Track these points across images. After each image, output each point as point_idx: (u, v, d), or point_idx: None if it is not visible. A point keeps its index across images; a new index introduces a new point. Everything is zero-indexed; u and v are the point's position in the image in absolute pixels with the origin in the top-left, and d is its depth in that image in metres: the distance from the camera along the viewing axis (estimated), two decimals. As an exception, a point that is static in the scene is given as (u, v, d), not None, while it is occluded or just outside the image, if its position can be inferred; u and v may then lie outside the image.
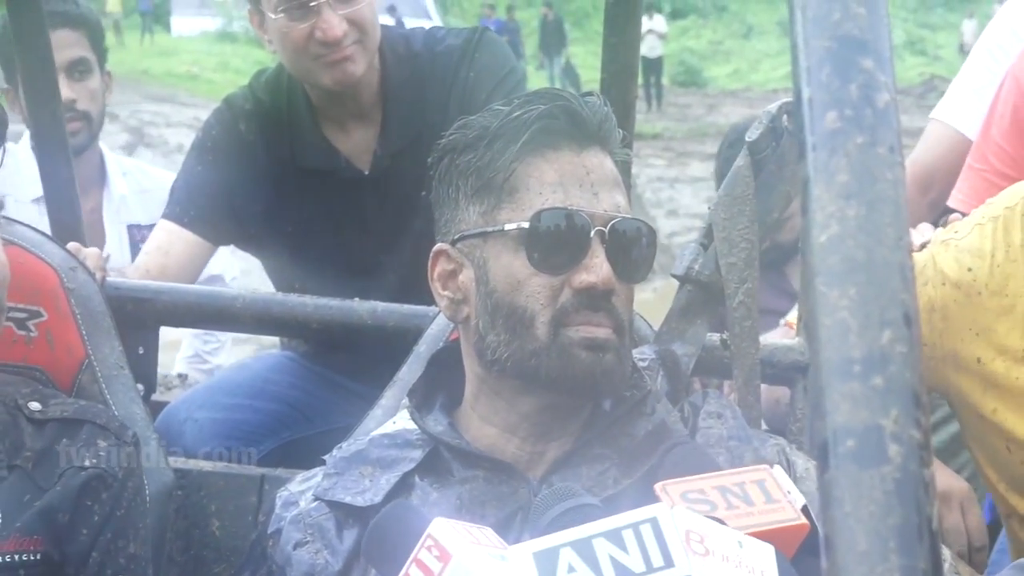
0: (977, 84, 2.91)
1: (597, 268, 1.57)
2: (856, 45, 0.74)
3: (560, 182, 1.60)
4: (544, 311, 1.58)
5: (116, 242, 3.19)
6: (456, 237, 1.65)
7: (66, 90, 2.79)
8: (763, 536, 1.39)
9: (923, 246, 2.05)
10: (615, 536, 1.26)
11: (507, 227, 1.60)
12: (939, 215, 2.68)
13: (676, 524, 1.28)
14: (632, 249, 1.62)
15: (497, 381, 1.64)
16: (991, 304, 1.94)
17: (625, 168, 1.70)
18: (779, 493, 1.44)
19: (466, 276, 1.64)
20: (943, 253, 1.99)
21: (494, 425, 1.64)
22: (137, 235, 3.20)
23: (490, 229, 1.61)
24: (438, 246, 1.68)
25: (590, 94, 1.70)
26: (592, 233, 1.58)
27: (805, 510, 1.44)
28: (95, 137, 3.19)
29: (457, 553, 1.29)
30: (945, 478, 2.24)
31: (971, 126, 2.83)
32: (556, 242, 1.59)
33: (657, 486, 1.46)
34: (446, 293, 1.67)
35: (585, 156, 1.62)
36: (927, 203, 2.81)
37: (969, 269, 1.95)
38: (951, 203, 2.67)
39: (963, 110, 2.91)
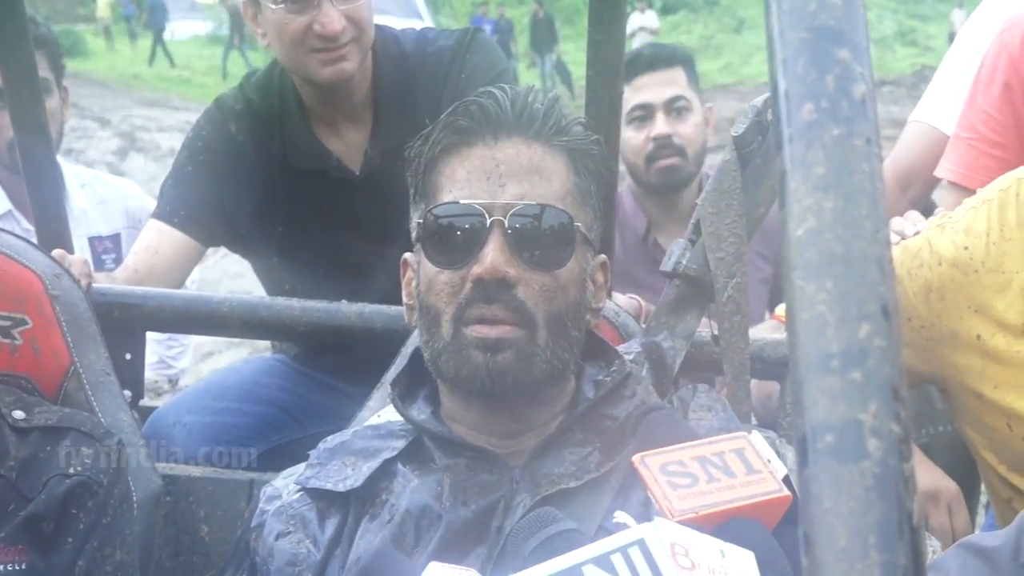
0: (954, 86, 2.95)
1: (484, 258, 1.56)
2: (832, 36, 0.73)
3: (468, 178, 1.61)
4: (448, 308, 1.58)
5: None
6: (414, 245, 1.69)
7: None
8: (746, 510, 1.39)
9: (917, 234, 2.07)
10: (604, 562, 1.24)
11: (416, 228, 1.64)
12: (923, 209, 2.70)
13: (662, 540, 1.27)
14: (538, 237, 1.59)
15: (442, 385, 1.66)
16: (988, 281, 1.96)
17: (581, 155, 1.66)
18: (759, 463, 1.43)
19: (416, 283, 1.67)
20: (939, 235, 2.02)
21: (462, 423, 1.65)
22: (99, 246, 3.20)
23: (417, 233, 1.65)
24: (405, 255, 1.72)
25: (531, 88, 1.70)
26: (489, 224, 1.57)
27: (787, 480, 1.43)
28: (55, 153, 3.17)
29: None
30: (935, 478, 2.24)
31: (950, 124, 2.86)
32: (451, 237, 1.60)
33: (635, 458, 1.45)
34: (406, 300, 1.71)
35: (499, 148, 1.62)
36: (907, 201, 2.84)
37: (965, 248, 1.98)
38: (939, 173, 2.70)
39: (942, 110, 2.96)
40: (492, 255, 1.55)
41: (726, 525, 1.38)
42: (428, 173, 1.64)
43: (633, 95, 3.15)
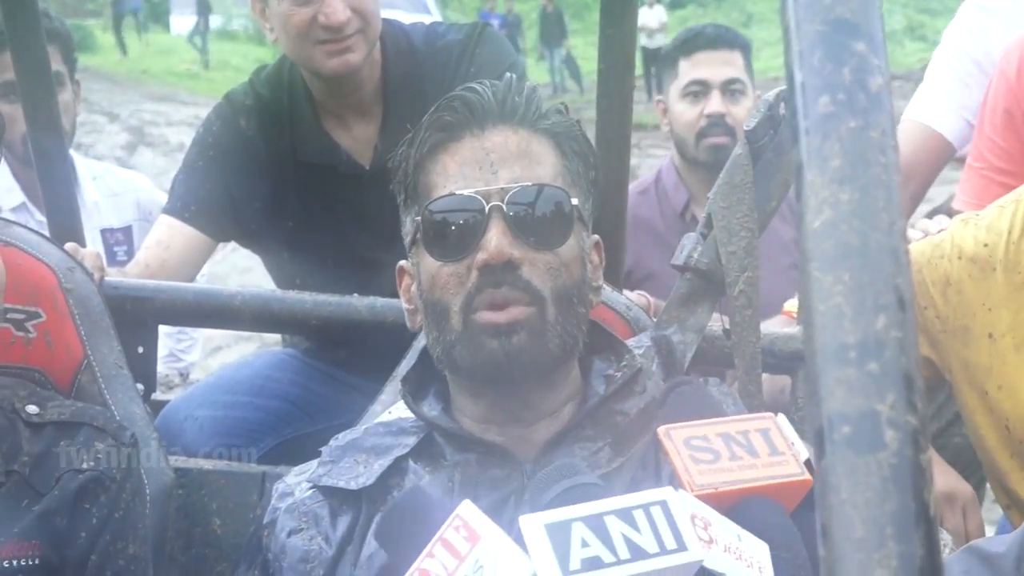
0: (941, 84, 3.08)
1: (488, 243, 1.57)
2: (848, 28, 0.73)
3: (460, 172, 1.62)
4: (455, 299, 1.59)
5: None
6: (408, 250, 1.70)
7: None
8: (767, 490, 1.39)
9: (941, 232, 2.10)
10: (626, 515, 1.26)
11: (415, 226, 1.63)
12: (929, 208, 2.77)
13: (684, 506, 1.27)
14: (538, 216, 1.60)
15: (452, 379, 1.67)
16: (1005, 280, 1.96)
17: (564, 138, 1.67)
18: (784, 445, 1.44)
19: (416, 285, 1.68)
20: (962, 229, 2.03)
21: (471, 417, 1.66)
22: (111, 239, 3.21)
23: (414, 234, 1.65)
24: (400, 262, 1.73)
25: (510, 78, 1.70)
26: (487, 209, 1.58)
27: (808, 464, 1.43)
28: (67, 147, 3.18)
29: (486, 534, 1.28)
30: (951, 480, 2.25)
31: (941, 122, 3.01)
32: (450, 228, 1.60)
33: (660, 430, 1.46)
34: (406, 305, 1.72)
35: (487, 137, 1.63)
36: (908, 195, 2.89)
37: (985, 245, 1.99)
38: (956, 205, 2.76)
39: (932, 108, 3.07)
40: (496, 239, 1.56)
41: (744, 503, 1.38)
42: (418, 174, 1.65)
43: (691, 69, 3.17)
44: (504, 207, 1.58)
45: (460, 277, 1.59)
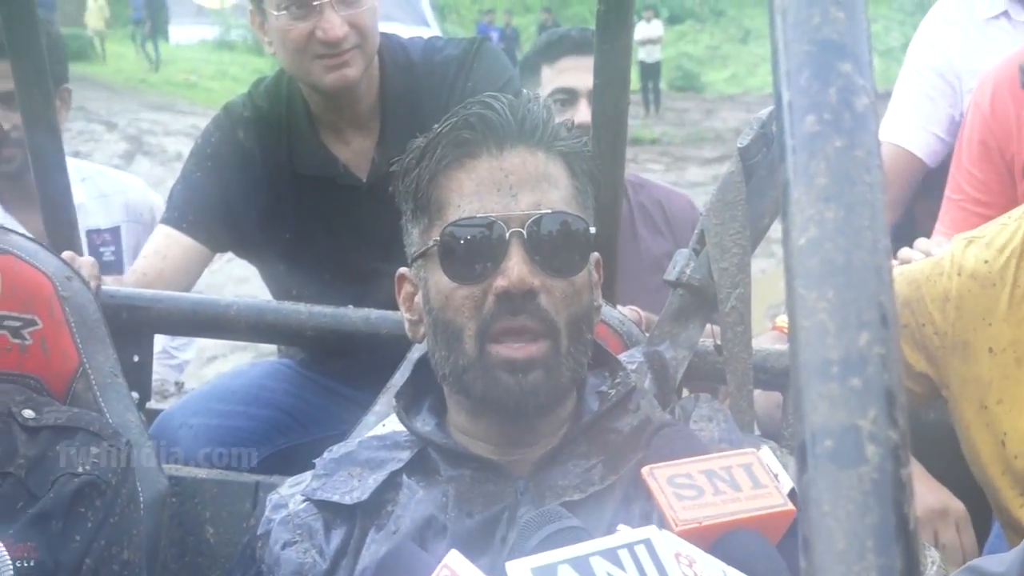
0: (907, 101, 3.13)
1: (510, 271, 1.56)
2: (835, 49, 0.74)
3: (477, 191, 1.60)
4: (470, 323, 1.58)
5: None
6: (411, 260, 1.68)
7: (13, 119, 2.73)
8: (751, 522, 1.40)
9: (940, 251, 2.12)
10: (611, 555, 1.27)
11: (430, 244, 1.62)
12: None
13: (668, 544, 1.29)
14: (557, 244, 1.60)
15: (454, 396, 1.66)
16: (1004, 295, 1.98)
17: (575, 157, 1.66)
18: (766, 478, 1.45)
19: (420, 297, 1.67)
20: (962, 247, 2.05)
21: (467, 434, 1.66)
22: (97, 239, 3.20)
23: (424, 249, 1.64)
24: (401, 269, 1.71)
25: (526, 94, 1.69)
26: (508, 235, 1.57)
27: (792, 494, 1.44)
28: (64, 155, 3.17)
29: None
30: (943, 497, 2.25)
31: (910, 139, 3.07)
32: (470, 252, 1.58)
33: (644, 470, 1.47)
34: (407, 315, 1.71)
35: (505, 158, 1.61)
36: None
37: (986, 261, 2.00)
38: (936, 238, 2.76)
39: (899, 127, 3.11)
40: (517, 267, 1.55)
41: (728, 536, 1.39)
42: (431, 188, 1.63)
43: (556, 77, 2.93)
44: (524, 233, 1.57)
45: (476, 301, 1.58)
